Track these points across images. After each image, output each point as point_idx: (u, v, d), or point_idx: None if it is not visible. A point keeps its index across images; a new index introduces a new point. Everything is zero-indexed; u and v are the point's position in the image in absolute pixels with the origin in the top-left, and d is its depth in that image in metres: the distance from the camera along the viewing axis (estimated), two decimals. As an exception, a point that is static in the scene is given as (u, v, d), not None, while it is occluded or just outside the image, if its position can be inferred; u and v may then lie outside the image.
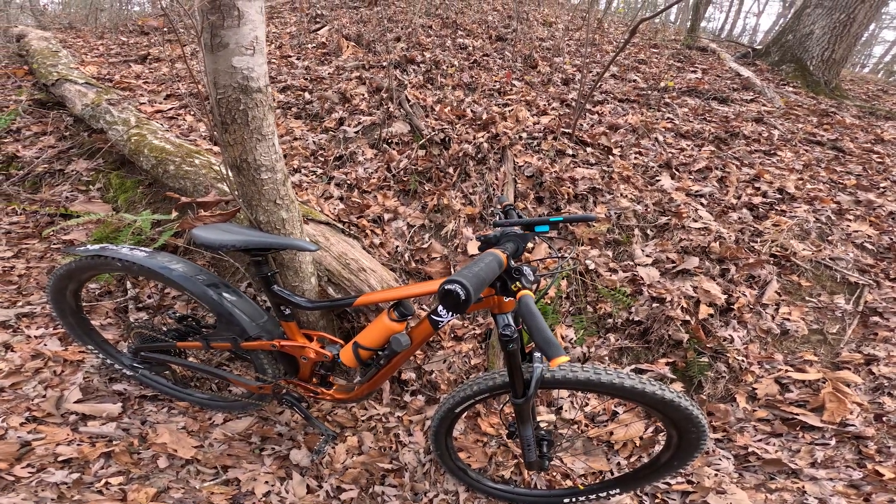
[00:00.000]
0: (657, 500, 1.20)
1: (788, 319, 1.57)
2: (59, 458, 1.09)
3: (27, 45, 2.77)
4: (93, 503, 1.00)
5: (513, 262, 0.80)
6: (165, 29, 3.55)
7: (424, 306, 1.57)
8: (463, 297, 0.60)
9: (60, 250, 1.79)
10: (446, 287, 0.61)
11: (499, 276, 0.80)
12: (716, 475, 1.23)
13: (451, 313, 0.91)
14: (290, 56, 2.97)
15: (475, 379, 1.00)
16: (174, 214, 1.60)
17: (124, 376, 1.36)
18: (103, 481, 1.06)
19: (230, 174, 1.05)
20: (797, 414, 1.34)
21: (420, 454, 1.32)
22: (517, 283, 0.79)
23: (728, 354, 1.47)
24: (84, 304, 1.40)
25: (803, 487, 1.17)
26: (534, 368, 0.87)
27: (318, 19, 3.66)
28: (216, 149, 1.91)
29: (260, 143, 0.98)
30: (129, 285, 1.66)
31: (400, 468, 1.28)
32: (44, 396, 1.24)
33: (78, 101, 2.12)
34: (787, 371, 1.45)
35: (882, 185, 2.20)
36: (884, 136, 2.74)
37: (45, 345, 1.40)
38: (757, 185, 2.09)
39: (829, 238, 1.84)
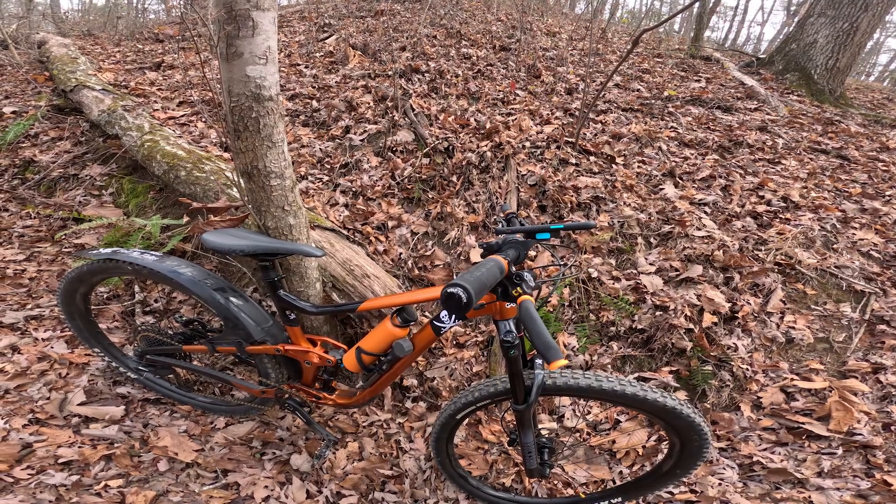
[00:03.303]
0: (660, 511, 1.19)
1: (794, 328, 1.56)
2: (60, 461, 1.10)
3: (48, 51, 2.86)
4: (91, 505, 1.01)
5: (514, 268, 0.81)
6: (180, 37, 3.65)
7: (427, 313, 1.58)
8: (465, 300, 0.61)
9: (72, 254, 1.83)
10: (449, 290, 0.62)
11: (500, 281, 0.81)
12: (720, 485, 1.22)
13: (453, 318, 0.92)
14: (299, 64, 3.04)
15: (477, 385, 1.01)
16: (185, 219, 1.64)
17: (129, 379, 1.38)
18: (102, 484, 1.07)
19: (241, 180, 1.08)
20: (803, 423, 1.32)
21: (421, 461, 1.31)
22: (518, 288, 0.80)
23: (732, 363, 1.46)
24: (92, 307, 1.42)
25: (810, 497, 1.15)
26: (535, 375, 0.87)
27: (326, 28, 3.75)
28: (226, 155, 1.95)
29: (270, 150, 1.01)
30: (136, 289, 1.69)
31: (400, 474, 1.28)
32: (48, 399, 1.25)
33: (94, 107, 2.19)
34: (792, 380, 1.43)
35: (888, 193, 2.18)
36: (889, 144, 2.73)
37: (52, 347, 1.42)
38: (761, 193, 2.09)
39: (835, 246, 1.83)
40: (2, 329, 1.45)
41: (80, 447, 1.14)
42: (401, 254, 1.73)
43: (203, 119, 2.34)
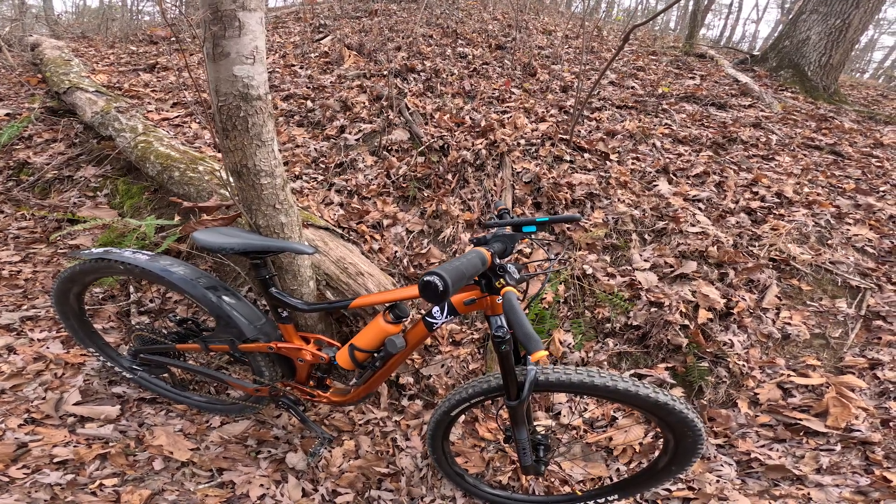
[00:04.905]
0: (657, 507, 1.19)
1: (789, 324, 1.56)
2: (55, 460, 1.10)
3: (41, 53, 2.86)
4: (86, 505, 1.01)
5: (498, 261, 0.81)
6: (173, 39, 3.65)
7: (422, 310, 1.58)
8: (441, 288, 0.62)
9: (66, 254, 1.83)
10: (426, 279, 0.63)
11: (483, 273, 0.81)
12: (718, 481, 1.22)
13: (445, 314, 0.92)
14: (294, 65, 3.04)
15: (471, 382, 1.01)
16: (177, 219, 1.63)
17: (124, 379, 1.37)
18: (97, 483, 1.07)
19: (231, 179, 1.08)
20: (801, 419, 1.32)
21: (417, 459, 1.31)
22: (501, 279, 0.80)
23: (729, 359, 1.46)
24: (87, 307, 1.42)
25: (808, 494, 1.15)
26: (528, 371, 0.87)
27: (321, 29, 3.75)
28: (220, 155, 1.95)
29: (260, 148, 1.01)
30: (131, 289, 1.68)
31: (397, 472, 1.27)
32: (43, 398, 1.25)
33: (88, 109, 2.18)
34: (789, 376, 1.43)
35: (882, 188, 2.19)
36: (883, 140, 2.74)
37: (48, 347, 1.42)
38: (755, 189, 2.10)
39: (829, 242, 1.83)
40: (-3, 330, 1.45)
41: (75, 446, 1.14)
42: (396, 252, 1.73)
43: (196, 120, 2.34)
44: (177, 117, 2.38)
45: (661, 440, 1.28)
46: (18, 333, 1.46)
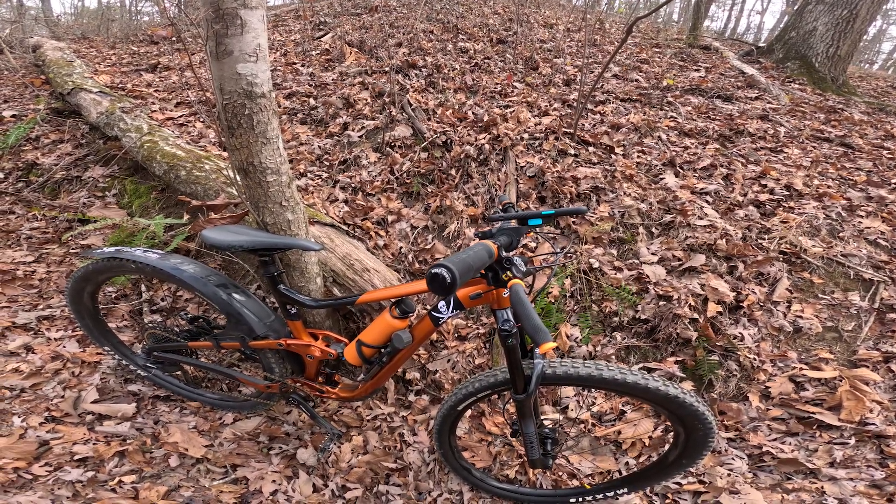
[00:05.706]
0: (668, 501, 1.18)
1: (801, 317, 1.54)
2: (76, 457, 1.12)
3: (43, 55, 2.88)
4: (106, 501, 1.02)
5: (504, 254, 0.81)
6: (174, 38, 3.66)
7: (428, 306, 1.58)
8: (449, 280, 0.62)
9: (78, 254, 1.85)
10: (433, 271, 0.63)
11: (490, 266, 0.81)
12: (729, 475, 1.21)
13: (451, 308, 0.92)
14: (295, 63, 3.04)
15: (477, 376, 1.01)
16: (186, 218, 1.65)
17: (139, 377, 1.39)
18: (116, 479, 1.09)
19: (237, 177, 1.08)
20: (813, 413, 1.31)
21: (424, 454, 1.32)
22: (508, 272, 0.80)
23: (739, 353, 1.45)
24: (101, 306, 1.44)
25: (822, 488, 1.14)
26: (534, 364, 0.87)
27: (321, 26, 3.75)
28: (225, 154, 1.96)
29: (265, 146, 1.01)
30: (143, 288, 1.70)
31: (404, 467, 1.28)
32: (62, 397, 1.28)
33: (93, 110, 2.20)
34: (801, 369, 1.42)
35: (894, 180, 2.15)
36: (894, 132, 2.68)
37: (64, 346, 1.44)
38: (763, 182, 2.07)
39: (841, 235, 1.81)
40: (15, 329, 1.47)
41: (94, 444, 1.16)
42: (401, 248, 1.73)
43: (201, 119, 2.35)
44: (181, 116, 2.39)
45: (672, 434, 1.28)
46: (36, 333, 1.48)
